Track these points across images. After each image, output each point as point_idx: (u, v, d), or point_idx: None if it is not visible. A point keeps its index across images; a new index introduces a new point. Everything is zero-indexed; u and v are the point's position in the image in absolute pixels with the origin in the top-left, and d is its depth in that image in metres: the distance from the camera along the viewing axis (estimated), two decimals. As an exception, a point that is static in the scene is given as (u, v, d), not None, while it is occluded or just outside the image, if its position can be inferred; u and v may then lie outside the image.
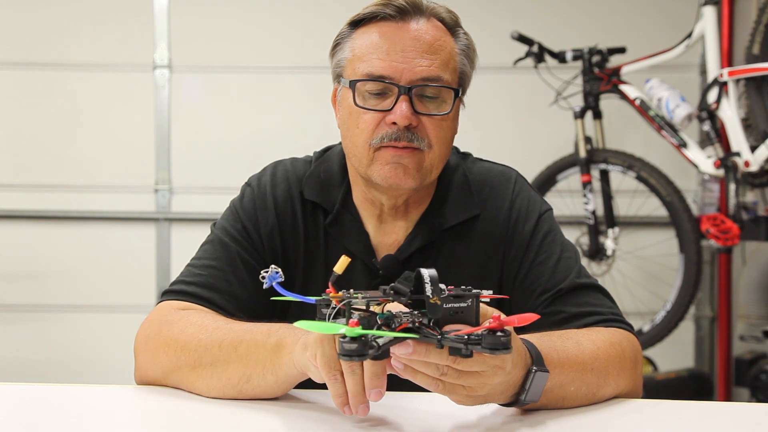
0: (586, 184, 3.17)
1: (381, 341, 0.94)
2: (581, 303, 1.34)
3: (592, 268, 3.17)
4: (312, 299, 1.05)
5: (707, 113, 2.93)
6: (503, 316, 0.95)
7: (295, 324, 0.97)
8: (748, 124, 2.86)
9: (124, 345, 1.78)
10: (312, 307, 1.06)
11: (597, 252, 3.17)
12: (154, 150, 3.61)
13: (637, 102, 3.09)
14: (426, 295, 0.95)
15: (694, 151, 2.99)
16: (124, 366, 1.76)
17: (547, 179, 3.31)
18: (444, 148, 1.35)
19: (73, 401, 1.24)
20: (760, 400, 3.00)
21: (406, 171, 1.32)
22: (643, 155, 3.14)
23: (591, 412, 1.18)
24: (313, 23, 3.57)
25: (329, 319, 1.01)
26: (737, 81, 2.85)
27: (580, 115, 3.21)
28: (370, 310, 0.99)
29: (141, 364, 1.30)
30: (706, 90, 2.95)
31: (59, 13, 3.60)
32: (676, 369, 3.35)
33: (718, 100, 2.88)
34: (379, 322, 0.96)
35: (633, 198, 3.37)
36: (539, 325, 1.29)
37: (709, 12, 2.97)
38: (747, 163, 2.82)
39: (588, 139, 3.19)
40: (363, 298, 0.99)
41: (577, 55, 3.20)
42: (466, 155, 1.51)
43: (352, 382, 1.02)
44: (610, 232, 3.16)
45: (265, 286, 1.07)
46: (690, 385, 3.26)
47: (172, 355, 1.24)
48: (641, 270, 3.49)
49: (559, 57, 3.22)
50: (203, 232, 1.46)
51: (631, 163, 3.11)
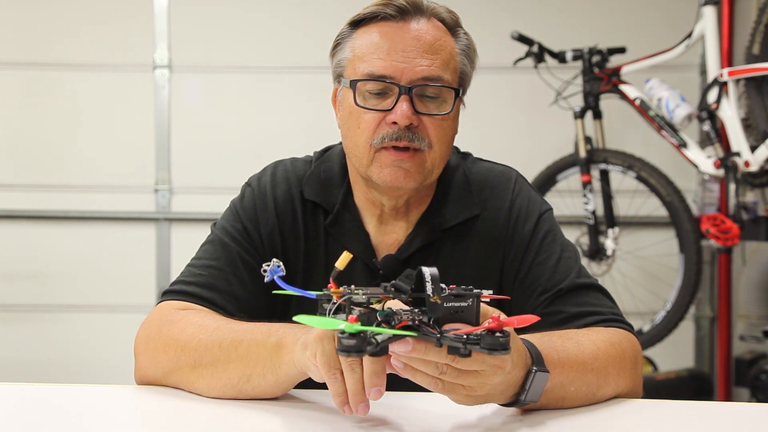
0: (586, 184, 3.17)
1: (380, 338, 0.94)
2: (581, 303, 1.34)
3: (592, 268, 3.17)
4: (312, 294, 1.05)
5: (707, 113, 2.93)
6: (503, 317, 0.95)
7: (295, 318, 0.97)
8: (748, 124, 2.86)
9: (124, 345, 1.78)
10: (312, 305, 1.06)
11: (597, 252, 3.17)
12: (154, 150, 3.61)
13: (637, 102, 3.09)
14: (426, 293, 0.95)
15: (694, 151, 2.99)
16: (124, 366, 1.76)
17: (547, 179, 3.31)
18: (444, 148, 1.36)
19: (73, 401, 1.24)
20: (760, 400, 3.00)
21: (407, 174, 1.33)
22: (643, 155, 3.14)
23: (591, 412, 1.18)
24: (313, 23, 3.57)
25: (329, 314, 1.01)
26: (737, 81, 2.85)
27: (580, 115, 3.21)
28: (371, 307, 0.99)
29: (141, 364, 1.30)
30: (706, 90, 2.95)
31: (59, 13, 3.60)
32: (676, 369, 3.35)
33: (718, 100, 2.88)
34: (378, 319, 0.96)
35: (633, 198, 3.37)
36: (539, 325, 1.30)
37: (709, 12, 2.97)
38: (747, 163, 2.82)
39: (588, 139, 3.19)
40: (363, 294, 0.99)
41: (577, 55, 3.20)
42: (467, 155, 1.51)
43: (352, 381, 1.02)
44: (610, 232, 3.16)
45: (266, 280, 1.07)
46: (690, 385, 3.26)
47: (172, 355, 1.24)
48: (641, 270, 3.49)
49: (559, 57, 3.22)
50: (203, 232, 1.46)
51: (631, 163, 3.11)
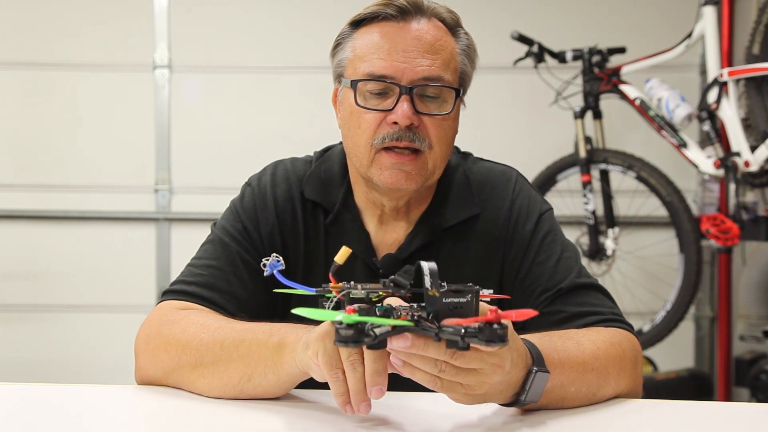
0: (586, 184, 3.17)
1: (378, 331, 0.94)
2: (581, 303, 1.34)
3: (592, 268, 3.17)
4: (312, 289, 1.05)
5: (707, 113, 2.93)
6: (500, 310, 0.95)
7: (293, 310, 0.97)
8: (748, 124, 2.86)
9: (124, 345, 1.79)
10: (312, 304, 1.06)
11: (597, 252, 3.17)
12: (154, 150, 3.61)
13: (637, 102, 3.09)
14: (425, 287, 0.95)
15: (694, 151, 2.99)
16: (124, 366, 1.76)
17: (547, 179, 3.31)
18: (445, 148, 1.36)
19: (73, 401, 1.24)
20: (760, 400, 3.00)
21: (408, 176, 1.33)
22: (643, 155, 3.14)
23: (591, 412, 1.18)
24: (313, 23, 3.57)
25: (329, 309, 1.01)
26: (737, 81, 2.85)
27: (580, 115, 3.21)
28: (370, 301, 0.99)
29: (141, 363, 1.30)
30: (706, 90, 2.95)
31: (59, 13, 3.60)
32: (676, 369, 3.35)
33: (718, 100, 2.88)
34: (377, 314, 0.96)
35: (633, 198, 3.37)
36: (539, 324, 1.30)
37: (709, 12, 2.97)
38: (747, 163, 2.82)
39: (588, 139, 3.19)
40: (363, 289, 0.99)
41: (577, 55, 3.20)
42: (467, 155, 1.51)
43: (354, 380, 1.02)
44: (610, 232, 3.16)
45: (265, 274, 1.08)
46: (690, 385, 3.26)
47: (173, 355, 1.24)
48: (641, 270, 3.49)
49: (559, 57, 3.22)
50: (203, 232, 1.47)
51: (631, 163, 3.11)
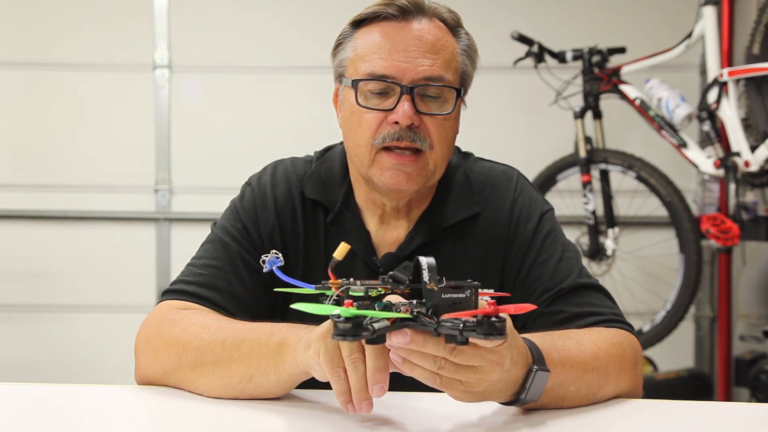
0: (586, 184, 3.17)
1: (377, 326, 0.94)
2: (582, 303, 1.34)
3: (592, 268, 3.17)
4: (311, 285, 1.05)
5: (707, 113, 2.93)
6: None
7: (292, 306, 0.97)
8: (748, 124, 2.86)
9: (124, 345, 1.78)
10: (312, 301, 1.05)
11: (597, 252, 3.17)
12: (154, 150, 3.61)
13: (637, 102, 3.09)
14: (423, 281, 0.95)
15: (694, 151, 2.99)
16: (124, 366, 1.75)
17: (547, 179, 3.31)
18: (446, 148, 1.36)
19: (73, 401, 1.24)
20: (760, 400, 3.00)
21: (408, 177, 1.33)
22: (643, 155, 3.14)
23: (591, 412, 1.18)
24: (313, 23, 3.57)
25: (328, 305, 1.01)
26: (737, 81, 2.85)
27: (580, 115, 3.21)
28: (370, 297, 1.00)
29: (141, 363, 1.30)
30: (706, 90, 2.95)
31: (59, 13, 3.60)
32: (676, 369, 3.35)
33: (718, 100, 2.88)
34: (376, 310, 0.96)
35: (633, 198, 3.37)
36: (540, 325, 1.30)
37: (709, 12, 2.97)
38: (747, 163, 2.82)
39: (588, 139, 3.19)
40: (362, 285, 1.00)
41: (577, 55, 3.20)
42: (468, 155, 1.51)
43: (355, 378, 1.02)
44: (610, 232, 3.16)
45: (264, 270, 1.08)
46: (690, 385, 3.26)
47: (173, 354, 1.24)
48: (641, 270, 3.49)
49: (559, 57, 3.22)
50: (203, 232, 1.46)
51: (631, 163, 3.11)
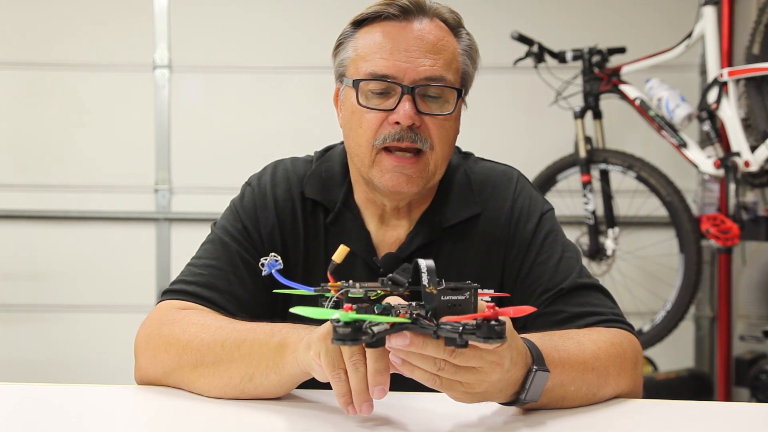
0: (586, 184, 3.17)
1: (376, 329, 0.94)
2: (582, 303, 1.34)
3: (592, 268, 3.17)
4: (311, 288, 1.05)
5: (707, 113, 2.93)
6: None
7: (292, 309, 0.97)
8: (748, 124, 2.86)
9: (124, 345, 1.78)
10: (312, 304, 1.05)
11: (597, 252, 3.17)
12: (154, 150, 3.61)
13: (637, 102, 3.09)
14: (422, 284, 0.95)
15: (694, 151, 2.99)
16: (124, 366, 1.76)
17: (547, 179, 3.31)
18: (446, 149, 1.36)
19: (73, 401, 1.24)
20: (760, 400, 3.00)
21: (409, 179, 1.33)
22: (643, 155, 3.14)
23: (591, 412, 1.18)
24: (314, 23, 3.57)
25: (328, 308, 1.01)
26: (737, 81, 2.85)
27: (580, 115, 3.21)
28: (369, 300, 0.99)
29: (141, 363, 1.30)
30: (706, 90, 2.95)
31: (59, 13, 3.60)
32: (676, 369, 3.35)
33: (718, 100, 2.88)
34: (376, 312, 0.96)
35: (633, 198, 3.37)
36: (540, 325, 1.30)
37: (709, 12, 2.97)
38: (747, 163, 2.82)
39: (588, 139, 3.19)
40: (361, 287, 0.99)
41: (577, 55, 3.20)
42: (468, 155, 1.51)
43: (356, 380, 1.02)
44: (610, 232, 3.16)
45: (264, 273, 1.07)
46: (690, 385, 3.26)
47: (173, 354, 1.24)
48: (641, 270, 3.49)
49: (559, 57, 3.22)
50: (203, 232, 1.46)
51: (631, 163, 3.11)
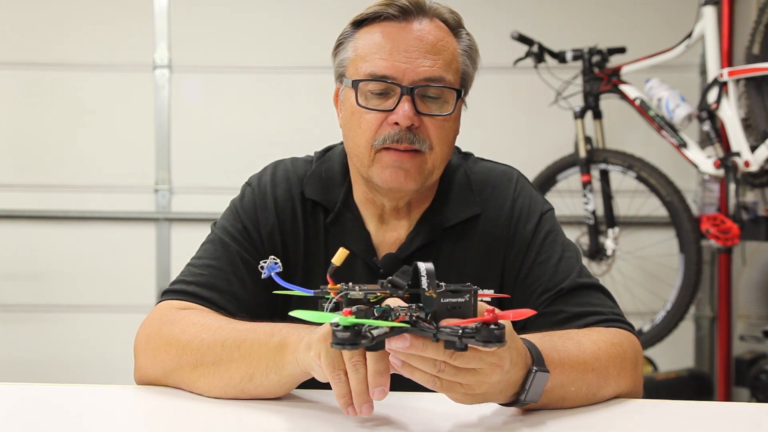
0: (586, 184, 3.17)
1: (376, 332, 0.94)
2: (582, 303, 1.34)
3: (592, 268, 3.17)
4: (310, 291, 1.05)
5: (707, 113, 2.93)
6: (498, 310, 0.95)
7: (291, 313, 0.97)
8: (748, 124, 2.86)
9: (124, 345, 1.78)
10: (312, 305, 1.06)
11: (597, 252, 3.17)
12: (154, 150, 3.61)
13: (637, 102, 3.09)
14: (422, 287, 0.95)
15: (694, 151, 2.99)
16: (124, 366, 1.75)
17: (547, 179, 3.31)
18: (445, 149, 1.36)
19: (73, 401, 1.24)
20: (760, 400, 3.00)
21: (407, 174, 1.32)
22: (643, 155, 3.14)
23: (591, 412, 1.18)
24: (314, 23, 3.57)
25: (327, 311, 1.01)
26: (737, 81, 2.85)
27: (580, 115, 3.21)
28: (369, 302, 0.99)
29: (141, 363, 1.30)
30: (706, 90, 2.95)
31: (59, 13, 3.60)
32: (676, 369, 3.35)
33: (718, 100, 2.88)
34: (375, 315, 0.96)
35: (633, 198, 3.37)
36: (540, 325, 1.30)
37: (709, 12, 2.97)
38: (747, 163, 2.82)
39: (588, 139, 3.19)
40: (361, 290, 0.99)
41: (577, 55, 3.20)
42: (468, 155, 1.51)
43: (356, 381, 1.02)
44: (610, 232, 3.16)
45: (263, 276, 1.07)
46: (690, 385, 3.26)
47: (173, 354, 1.24)
48: (641, 270, 3.49)
49: (559, 57, 3.22)
50: (203, 232, 1.46)
51: (631, 163, 3.11)
